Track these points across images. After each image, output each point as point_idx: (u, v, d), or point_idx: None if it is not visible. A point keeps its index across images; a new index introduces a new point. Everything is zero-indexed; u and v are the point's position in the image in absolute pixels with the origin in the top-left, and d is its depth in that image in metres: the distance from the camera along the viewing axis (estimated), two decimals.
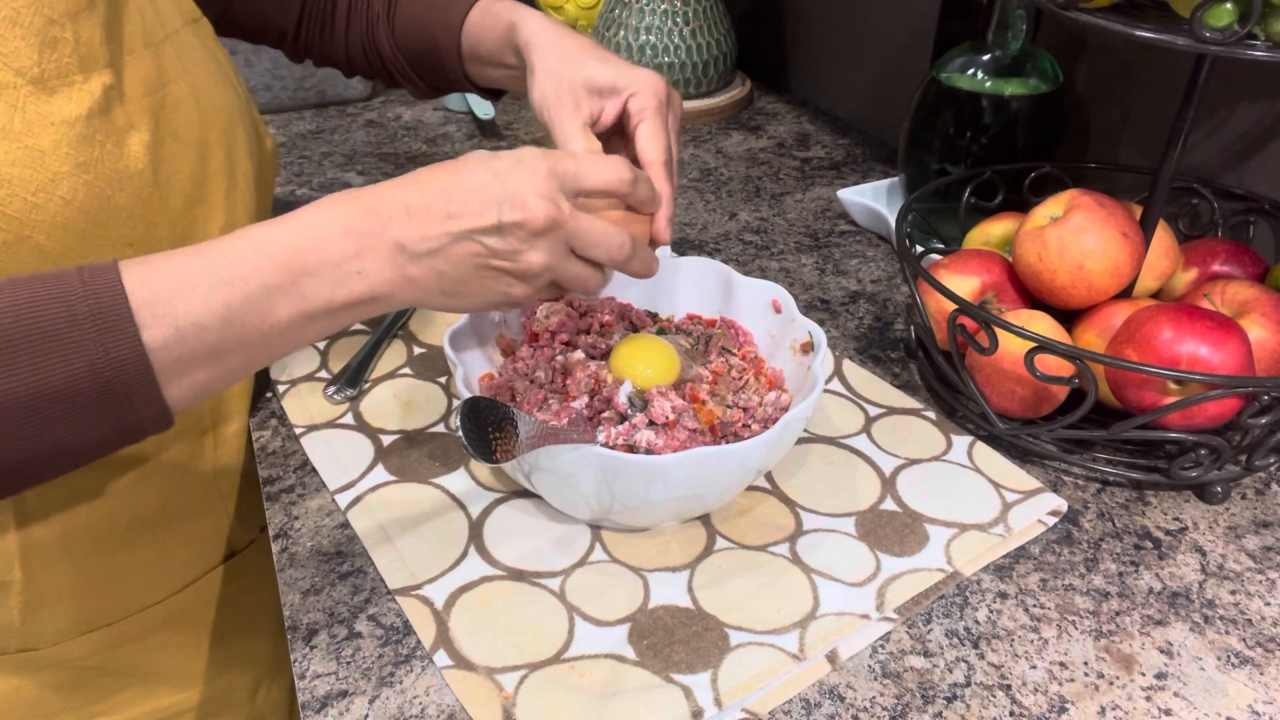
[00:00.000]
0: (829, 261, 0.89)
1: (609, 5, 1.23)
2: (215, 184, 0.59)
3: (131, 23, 0.54)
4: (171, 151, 0.55)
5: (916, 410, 0.67)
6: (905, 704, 0.47)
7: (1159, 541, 0.57)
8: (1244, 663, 0.50)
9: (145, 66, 0.54)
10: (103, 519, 0.59)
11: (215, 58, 0.62)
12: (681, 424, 0.55)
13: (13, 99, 0.46)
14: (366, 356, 0.71)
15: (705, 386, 0.58)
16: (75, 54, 0.49)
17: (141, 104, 0.53)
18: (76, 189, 0.49)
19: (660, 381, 0.57)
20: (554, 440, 0.49)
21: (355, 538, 0.57)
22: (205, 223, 0.58)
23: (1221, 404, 0.56)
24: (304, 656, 0.50)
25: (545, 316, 0.64)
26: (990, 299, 0.67)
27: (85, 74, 0.50)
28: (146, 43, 0.55)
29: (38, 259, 0.48)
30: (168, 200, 0.55)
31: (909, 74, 1.01)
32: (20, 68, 0.47)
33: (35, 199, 0.47)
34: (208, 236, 0.59)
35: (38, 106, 0.47)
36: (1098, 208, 0.61)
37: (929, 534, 0.57)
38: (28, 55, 0.47)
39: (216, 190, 0.59)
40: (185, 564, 0.66)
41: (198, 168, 0.57)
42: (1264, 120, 0.73)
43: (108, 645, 0.63)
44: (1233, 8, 0.48)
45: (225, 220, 0.60)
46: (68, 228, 0.49)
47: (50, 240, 0.48)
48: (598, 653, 0.49)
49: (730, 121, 1.23)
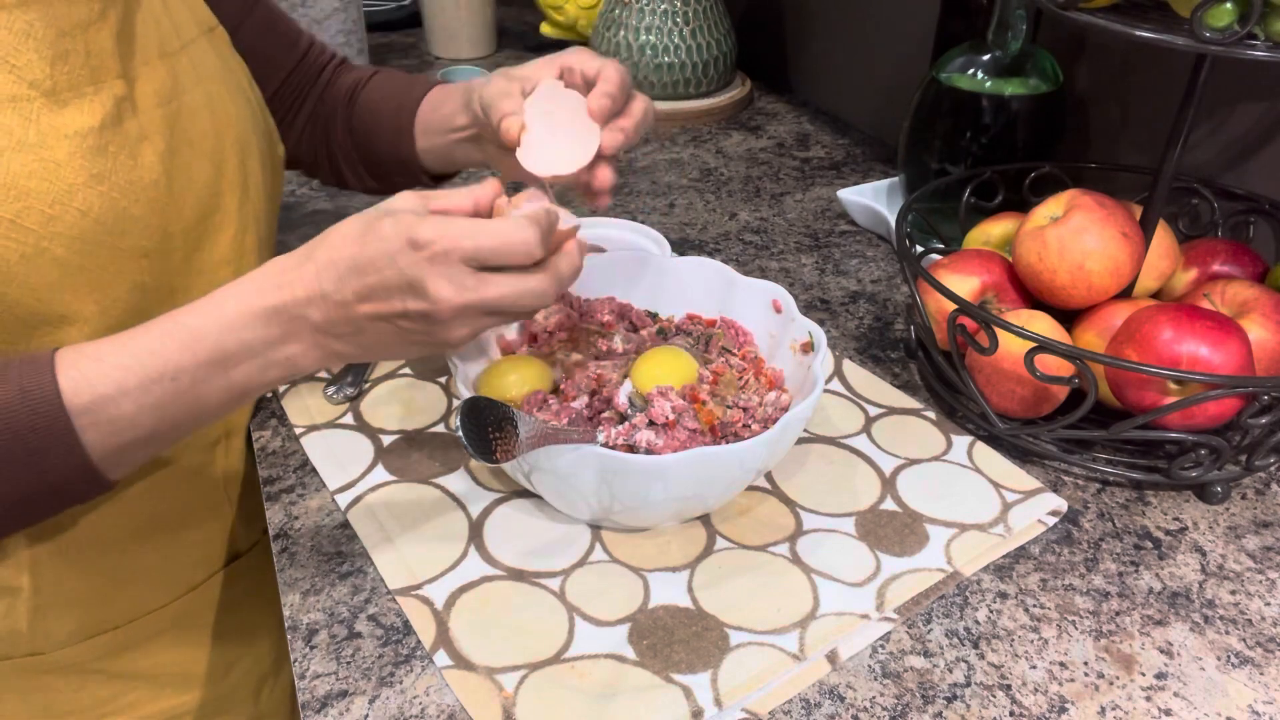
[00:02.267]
0: (829, 261, 0.89)
1: (609, 5, 1.23)
2: (229, 194, 0.59)
3: (145, 34, 0.54)
4: (186, 161, 0.55)
5: (916, 410, 0.67)
6: (905, 704, 0.47)
7: (1159, 541, 0.57)
8: (1244, 663, 0.50)
9: (159, 77, 0.54)
10: (110, 527, 0.59)
11: (230, 67, 0.62)
12: (681, 424, 0.55)
13: (27, 111, 0.47)
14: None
15: (705, 387, 0.58)
16: (86, 65, 0.49)
17: (155, 114, 0.53)
18: (92, 200, 0.49)
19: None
20: (554, 440, 0.49)
21: (355, 538, 0.57)
22: (218, 233, 0.59)
23: (1221, 404, 0.56)
24: (304, 656, 0.50)
25: (544, 317, 0.64)
26: (990, 299, 0.67)
27: (96, 85, 0.50)
28: (161, 53, 0.55)
29: (57, 271, 0.48)
30: (182, 210, 0.55)
31: (909, 74, 1.01)
32: (33, 80, 0.47)
33: (52, 210, 0.47)
34: (219, 247, 0.59)
35: (51, 119, 0.48)
36: (1098, 208, 0.61)
37: (929, 534, 0.57)
38: (40, 68, 0.47)
39: (230, 200, 0.59)
40: (189, 568, 0.66)
41: (212, 178, 0.57)
42: (1264, 120, 0.73)
43: (113, 649, 0.63)
44: (1233, 8, 0.48)
45: (236, 229, 0.60)
46: (85, 239, 0.49)
47: (69, 252, 0.48)
48: (598, 653, 0.49)
49: (730, 121, 1.23)
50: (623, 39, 1.21)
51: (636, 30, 1.20)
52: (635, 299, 0.68)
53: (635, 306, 0.68)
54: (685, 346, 0.62)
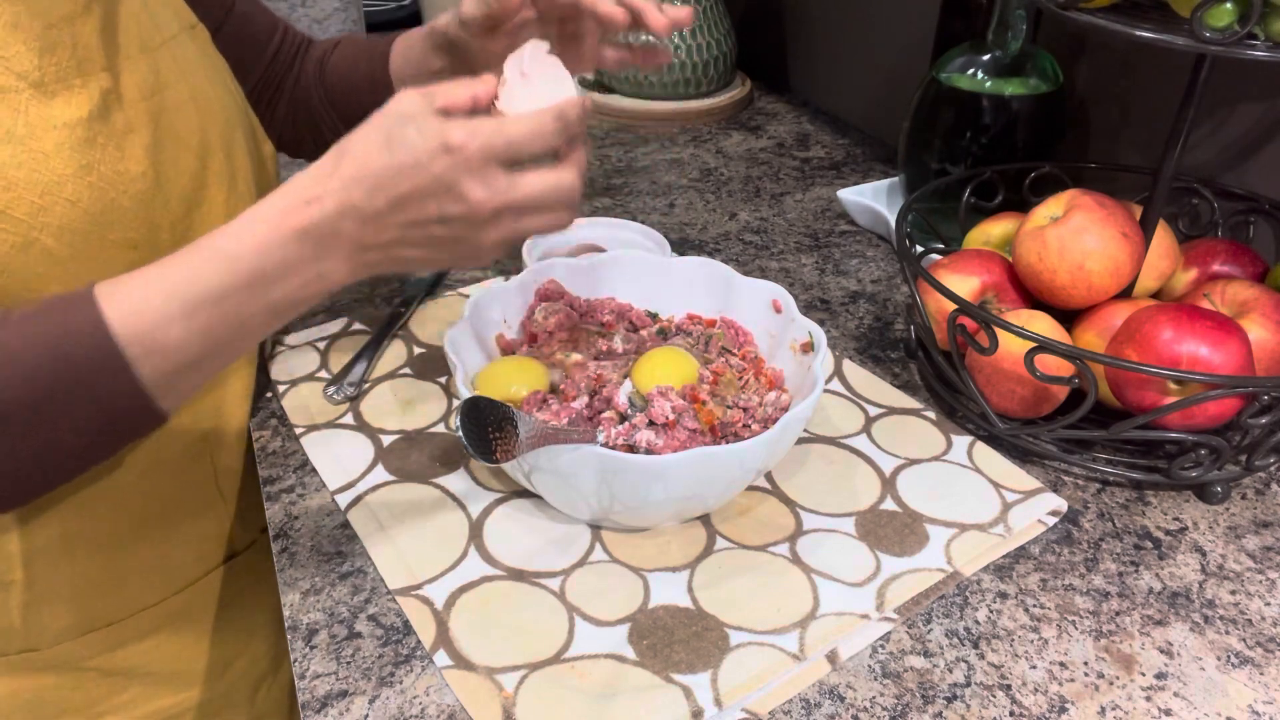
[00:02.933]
0: (829, 261, 0.89)
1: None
2: (215, 186, 0.59)
3: (126, 29, 0.54)
4: (172, 154, 0.55)
5: (916, 410, 0.67)
6: (905, 704, 0.47)
7: (1159, 541, 0.57)
8: (1244, 663, 0.50)
9: (142, 71, 0.54)
10: (104, 520, 0.59)
11: (213, 63, 0.63)
12: (681, 424, 0.55)
13: (15, 103, 0.47)
14: (366, 356, 0.71)
15: (706, 387, 0.58)
16: (74, 58, 0.50)
17: (140, 107, 0.53)
18: (81, 191, 0.49)
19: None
20: (554, 440, 0.49)
21: (355, 538, 0.57)
22: (205, 225, 0.58)
23: (1221, 404, 0.56)
24: (304, 656, 0.50)
25: (544, 318, 0.64)
26: (990, 299, 0.67)
27: (84, 77, 0.50)
28: (143, 48, 0.55)
29: (46, 262, 0.48)
30: (169, 202, 0.55)
31: (909, 74, 1.01)
32: (22, 71, 0.47)
33: (41, 201, 0.48)
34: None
35: (39, 110, 0.48)
36: (1098, 208, 0.61)
37: (929, 534, 0.57)
38: (28, 59, 0.47)
39: (217, 192, 0.59)
40: (186, 564, 0.66)
41: (198, 170, 0.57)
42: (1264, 120, 0.73)
43: (108, 645, 0.63)
44: (1232, 8, 0.48)
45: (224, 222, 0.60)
46: (74, 230, 0.49)
47: (58, 243, 0.49)
48: (598, 653, 0.49)
49: (730, 121, 1.23)
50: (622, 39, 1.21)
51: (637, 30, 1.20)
52: (635, 299, 0.68)
53: (635, 307, 0.68)
54: (685, 346, 0.62)
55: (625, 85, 1.24)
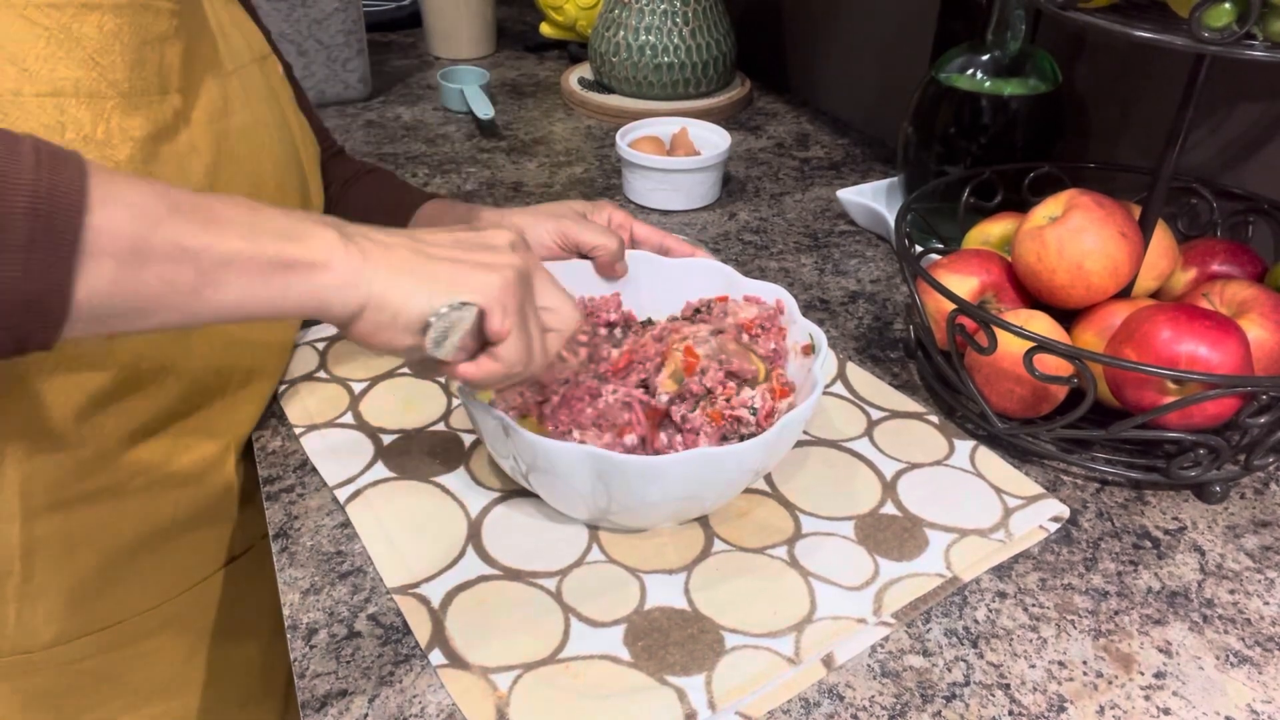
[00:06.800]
0: (828, 261, 0.89)
1: (609, 5, 1.23)
2: None
3: (203, 54, 0.57)
4: (229, 178, 0.57)
5: (919, 414, 0.67)
6: (904, 703, 0.47)
7: (1158, 541, 0.57)
8: (1243, 662, 0.50)
9: (211, 95, 0.57)
10: (109, 523, 0.59)
11: (277, 96, 0.65)
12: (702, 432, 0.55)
13: (101, 109, 0.49)
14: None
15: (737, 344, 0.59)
16: (158, 75, 0.52)
17: (205, 130, 0.55)
18: None
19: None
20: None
21: (355, 537, 0.57)
22: None
23: (1220, 403, 0.56)
24: (304, 656, 0.50)
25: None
26: (989, 299, 0.67)
27: (161, 95, 0.52)
28: (215, 74, 0.58)
29: None
30: None
31: (909, 74, 1.01)
32: (114, 80, 0.49)
33: None
34: None
35: (120, 119, 0.50)
36: (1096, 207, 0.61)
37: (929, 539, 0.56)
38: (121, 70, 0.49)
39: None
40: (185, 569, 0.66)
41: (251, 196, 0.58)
42: (1263, 120, 0.73)
43: (102, 649, 0.63)
44: (1231, 8, 0.48)
45: None
46: None
47: None
48: (592, 653, 0.49)
49: (730, 121, 1.23)
50: (622, 39, 1.21)
51: (636, 30, 1.20)
52: (635, 299, 0.68)
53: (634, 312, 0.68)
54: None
55: (625, 85, 1.24)
